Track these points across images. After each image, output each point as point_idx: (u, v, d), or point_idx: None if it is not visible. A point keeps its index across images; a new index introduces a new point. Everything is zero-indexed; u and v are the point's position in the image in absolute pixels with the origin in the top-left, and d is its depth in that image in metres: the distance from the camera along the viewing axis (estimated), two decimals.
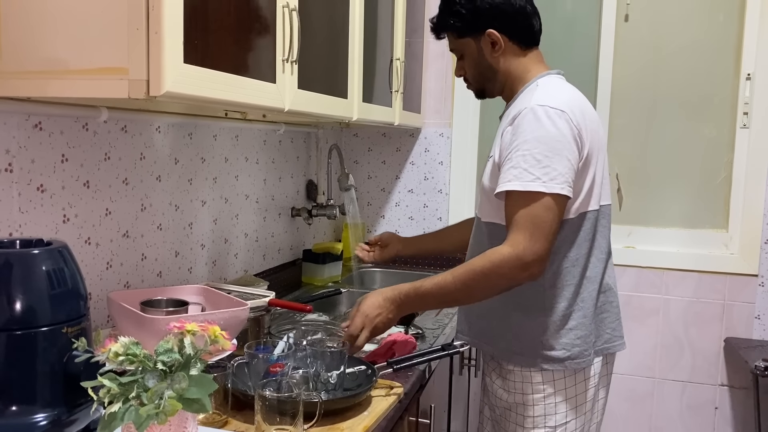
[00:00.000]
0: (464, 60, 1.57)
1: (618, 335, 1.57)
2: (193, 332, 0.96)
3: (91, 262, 1.43)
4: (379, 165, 2.83)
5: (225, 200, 1.96)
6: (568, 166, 1.35)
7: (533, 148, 1.35)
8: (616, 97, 2.61)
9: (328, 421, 1.21)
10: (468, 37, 1.53)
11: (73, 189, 1.36)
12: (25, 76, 1.09)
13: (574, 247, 1.44)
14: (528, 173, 1.34)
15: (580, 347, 1.46)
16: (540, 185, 1.33)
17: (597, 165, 1.45)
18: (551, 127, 1.35)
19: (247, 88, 1.28)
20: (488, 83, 1.57)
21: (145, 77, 1.02)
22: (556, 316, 1.45)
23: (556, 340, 1.45)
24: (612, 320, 1.55)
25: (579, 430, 1.51)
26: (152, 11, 1.00)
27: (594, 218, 1.46)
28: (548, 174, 1.33)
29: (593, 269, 1.48)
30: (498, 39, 1.50)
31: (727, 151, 2.54)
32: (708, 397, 2.59)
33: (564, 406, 1.48)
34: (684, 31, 2.54)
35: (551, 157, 1.34)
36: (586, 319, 1.47)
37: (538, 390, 1.48)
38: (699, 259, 2.55)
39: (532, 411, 1.49)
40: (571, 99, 1.44)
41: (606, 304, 1.53)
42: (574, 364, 1.46)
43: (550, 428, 1.48)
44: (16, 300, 0.93)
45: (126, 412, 0.87)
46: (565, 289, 1.45)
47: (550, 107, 1.37)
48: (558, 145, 1.35)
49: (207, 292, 1.49)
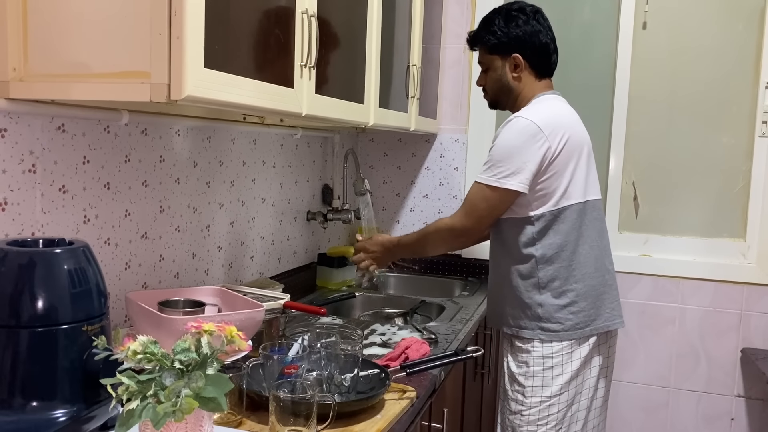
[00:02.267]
0: (487, 73, 1.85)
1: (617, 314, 1.81)
2: (210, 332, 0.97)
3: (110, 262, 1.45)
4: (395, 170, 2.84)
5: (242, 203, 1.98)
6: (521, 166, 1.65)
7: (496, 151, 1.70)
8: (634, 104, 2.60)
9: (342, 423, 1.21)
10: (496, 55, 1.81)
11: (94, 190, 1.39)
12: (50, 79, 1.12)
13: (561, 234, 1.72)
14: (483, 168, 1.72)
15: (573, 321, 1.72)
16: (494, 181, 1.68)
17: (579, 165, 1.73)
18: (513, 135, 1.68)
19: (266, 92, 1.30)
20: (503, 97, 1.85)
21: (166, 81, 1.04)
22: (551, 293, 1.72)
23: (551, 314, 1.72)
24: (611, 301, 1.79)
25: (569, 402, 1.75)
26: (174, 17, 1.02)
27: (578, 210, 1.73)
28: (493, 171, 1.68)
29: (585, 255, 1.74)
30: (520, 63, 1.79)
31: (746, 160, 2.52)
32: (724, 408, 2.56)
33: (560, 379, 1.73)
34: (702, 38, 2.53)
35: (506, 158, 1.67)
36: (579, 297, 1.73)
37: (538, 363, 1.73)
38: (716, 269, 2.53)
39: (532, 381, 1.74)
40: (550, 114, 1.72)
41: (605, 286, 1.77)
42: (569, 335, 1.72)
43: (545, 398, 1.73)
44: (39, 298, 0.95)
45: (143, 409, 0.88)
46: (556, 271, 1.72)
47: (523, 117, 1.69)
48: (516, 149, 1.66)
49: (223, 294, 1.51)
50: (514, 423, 1.77)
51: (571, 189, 1.71)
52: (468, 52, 2.68)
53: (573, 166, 1.71)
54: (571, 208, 1.72)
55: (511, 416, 1.78)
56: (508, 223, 1.76)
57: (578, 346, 1.74)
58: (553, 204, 1.70)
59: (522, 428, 1.75)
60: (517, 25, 1.77)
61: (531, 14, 1.79)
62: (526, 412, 1.74)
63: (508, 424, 1.79)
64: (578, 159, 1.73)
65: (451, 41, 2.71)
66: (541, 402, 1.73)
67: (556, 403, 1.73)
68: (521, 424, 1.75)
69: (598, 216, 1.79)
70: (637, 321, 2.61)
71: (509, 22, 1.77)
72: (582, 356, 1.74)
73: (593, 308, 1.74)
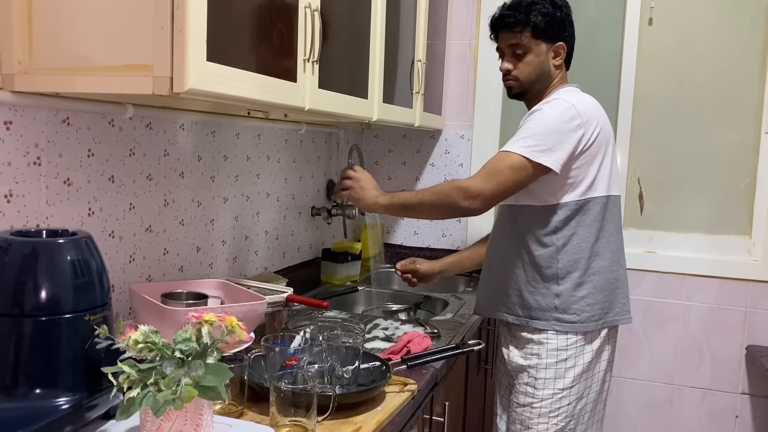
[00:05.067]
0: (522, 58, 1.75)
1: (626, 310, 1.80)
2: (210, 322, 0.98)
3: (115, 254, 1.47)
4: (399, 166, 2.84)
5: (246, 198, 1.99)
6: (556, 144, 1.60)
7: (535, 125, 1.63)
8: (639, 100, 2.59)
9: (342, 414, 1.22)
10: (542, 40, 1.73)
11: (99, 183, 1.40)
12: (54, 72, 1.13)
13: (583, 226, 1.69)
14: (521, 140, 1.62)
15: (589, 313, 1.71)
16: (527, 152, 1.60)
17: (605, 159, 1.70)
18: (556, 113, 1.64)
19: (269, 86, 1.31)
20: (537, 84, 1.77)
21: (169, 74, 1.04)
22: (569, 284, 1.70)
23: (568, 305, 1.70)
24: (622, 296, 1.78)
25: (580, 395, 1.74)
26: (177, 10, 1.03)
27: (602, 204, 1.71)
28: (539, 146, 1.60)
29: (603, 248, 1.72)
30: (563, 51, 1.75)
31: (752, 157, 2.51)
32: (728, 405, 2.56)
33: (572, 372, 1.71)
34: (709, 35, 2.52)
35: (547, 134, 1.61)
36: (596, 290, 1.71)
37: (552, 355, 1.71)
38: (721, 266, 2.52)
39: (544, 373, 1.72)
40: (582, 100, 1.70)
41: (618, 281, 1.76)
42: (583, 327, 1.70)
43: (558, 390, 1.72)
44: (42, 287, 0.96)
45: (144, 397, 0.89)
46: (576, 262, 1.70)
47: (564, 100, 1.66)
48: (557, 127, 1.62)
49: (227, 287, 1.52)
50: (524, 416, 1.74)
51: (597, 181, 1.69)
52: (473, 48, 2.68)
53: (601, 158, 1.69)
54: (595, 200, 1.70)
55: (520, 409, 1.75)
56: (529, 210, 1.72)
57: (591, 339, 1.73)
58: (579, 194, 1.68)
59: (533, 421, 1.73)
60: (563, 12, 1.73)
61: (568, 6, 1.76)
62: (537, 405, 1.72)
63: (516, 417, 1.76)
64: (605, 152, 1.71)
65: (456, 37, 2.71)
66: (554, 394, 1.71)
67: (567, 396, 1.71)
68: (531, 417, 1.73)
69: (618, 212, 1.77)
70: (641, 318, 2.60)
71: (556, 8, 1.72)
72: (594, 349, 1.73)
73: (607, 302, 1.73)
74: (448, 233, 2.80)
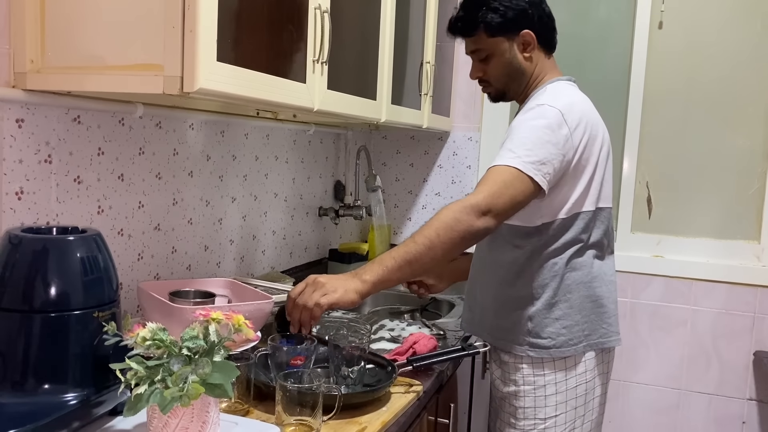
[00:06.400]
0: (489, 61, 1.57)
1: (614, 331, 1.59)
2: (217, 320, 0.99)
3: (123, 252, 1.48)
4: (407, 167, 2.85)
5: (254, 197, 2.00)
6: (549, 158, 1.40)
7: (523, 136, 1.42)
8: (648, 104, 2.59)
9: (347, 414, 1.23)
10: (501, 36, 1.54)
11: (108, 181, 1.41)
12: (66, 71, 1.14)
13: (559, 242, 1.51)
14: (511, 152, 1.41)
15: (566, 336, 1.52)
16: (519, 163, 1.39)
17: (597, 169, 1.51)
18: (543, 122, 1.43)
19: (278, 87, 1.31)
20: (513, 83, 1.59)
21: (179, 74, 1.05)
22: (542, 305, 1.52)
23: (542, 328, 1.52)
24: (608, 316, 1.58)
25: (569, 425, 1.55)
26: (188, 10, 1.04)
27: (588, 219, 1.52)
28: (529, 157, 1.39)
29: (583, 265, 1.53)
30: (531, 40, 1.54)
31: (761, 161, 2.50)
32: (735, 411, 2.55)
33: (554, 399, 1.54)
34: (719, 38, 2.51)
35: (537, 145, 1.40)
36: (572, 310, 1.52)
37: (529, 382, 1.55)
38: (729, 270, 2.51)
39: (523, 402, 1.56)
40: (573, 103, 1.49)
41: (602, 299, 1.56)
42: (558, 352, 1.52)
43: (540, 420, 1.55)
44: (51, 284, 0.97)
45: (151, 394, 0.90)
46: (550, 281, 1.51)
47: (548, 105, 1.45)
48: (545, 137, 1.41)
49: (234, 286, 1.53)
50: None
51: (585, 195, 1.50)
52: None
53: (591, 169, 1.50)
54: (580, 215, 1.51)
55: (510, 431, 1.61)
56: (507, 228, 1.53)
57: (573, 364, 1.54)
58: (565, 212, 1.49)
59: None
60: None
61: None
62: None
63: None
64: (598, 161, 1.51)
65: None
66: (535, 425, 1.55)
67: (552, 426, 1.54)
68: None
69: (608, 225, 1.58)
70: (648, 322, 2.60)
71: None
72: (578, 374, 1.55)
73: (587, 322, 1.54)
74: None
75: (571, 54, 2.00)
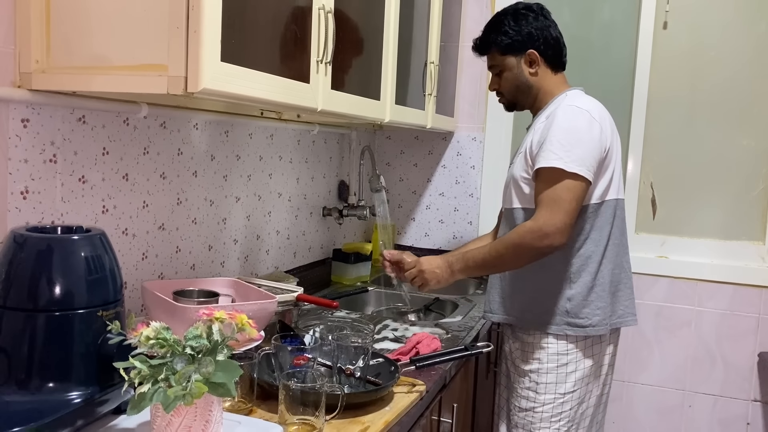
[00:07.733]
0: (501, 76, 1.83)
1: (630, 312, 1.80)
2: (221, 320, 0.99)
3: (128, 252, 1.48)
4: (411, 167, 2.85)
5: (258, 197, 2.01)
6: (588, 154, 1.62)
7: (561, 137, 1.62)
8: (653, 104, 2.58)
9: (350, 414, 1.23)
10: (510, 55, 1.80)
11: (113, 181, 1.42)
12: (72, 71, 1.15)
13: (596, 229, 1.71)
14: (553, 154, 1.61)
15: (600, 317, 1.72)
16: (562, 164, 1.59)
17: (615, 162, 1.74)
18: (576, 122, 1.65)
19: (281, 87, 1.32)
20: (521, 96, 1.83)
21: (183, 74, 1.06)
22: (581, 288, 1.70)
23: (580, 309, 1.70)
24: (626, 298, 1.79)
25: (581, 399, 1.75)
26: (192, 11, 1.05)
27: (613, 206, 1.74)
28: (570, 157, 1.60)
29: (611, 251, 1.74)
30: (536, 59, 1.78)
31: (766, 162, 2.49)
32: (740, 413, 2.54)
33: (573, 376, 1.72)
34: (724, 39, 2.50)
35: (575, 144, 1.61)
36: (605, 293, 1.72)
37: (552, 359, 1.72)
38: (734, 271, 2.50)
39: (545, 378, 1.73)
40: (594, 105, 1.72)
41: (621, 283, 1.78)
42: (595, 330, 1.71)
43: (560, 394, 1.73)
44: (56, 283, 0.98)
45: (155, 393, 0.91)
46: (589, 266, 1.71)
47: (577, 107, 1.68)
48: (581, 135, 1.63)
49: (238, 285, 1.53)
50: (526, 420, 1.76)
51: (610, 184, 1.71)
52: None
53: (613, 161, 1.72)
54: (608, 203, 1.72)
55: (522, 413, 1.76)
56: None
57: (592, 343, 1.73)
58: (596, 197, 1.70)
59: (535, 425, 1.74)
60: (528, 22, 1.78)
61: (538, 11, 1.80)
62: (539, 409, 1.73)
63: (518, 421, 1.77)
64: (615, 155, 1.74)
65: (469, 40, 2.67)
66: (555, 399, 1.72)
67: (569, 400, 1.72)
68: (534, 421, 1.74)
69: (623, 215, 1.79)
70: (653, 323, 2.59)
71: (519, 21, 1.78)
72: (595, 353, 1.74)
73: (610, 305, 1.74)
74: (459, 235, 2.80)
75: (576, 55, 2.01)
